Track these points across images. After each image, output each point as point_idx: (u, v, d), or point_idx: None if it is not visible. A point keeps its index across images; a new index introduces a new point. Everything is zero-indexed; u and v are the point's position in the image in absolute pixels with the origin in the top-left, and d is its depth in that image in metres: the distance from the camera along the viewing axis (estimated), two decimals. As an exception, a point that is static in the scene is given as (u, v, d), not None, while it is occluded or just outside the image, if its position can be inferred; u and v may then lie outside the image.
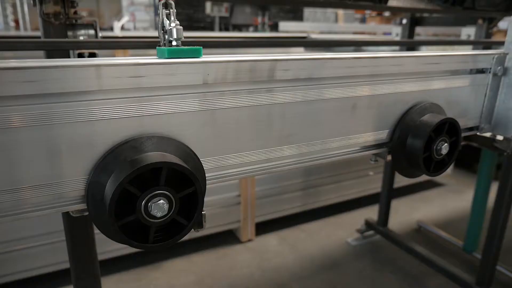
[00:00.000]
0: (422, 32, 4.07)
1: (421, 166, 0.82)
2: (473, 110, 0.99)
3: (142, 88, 0.56)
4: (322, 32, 6.30)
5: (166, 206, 0.56)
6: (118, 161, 0.56)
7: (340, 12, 7.64)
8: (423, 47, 2.25)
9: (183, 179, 0.57)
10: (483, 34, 1.92)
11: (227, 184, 2.50)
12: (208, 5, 6.72)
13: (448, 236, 2.66)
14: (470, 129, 1.02)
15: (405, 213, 3.06)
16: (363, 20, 8.06)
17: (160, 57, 0.59)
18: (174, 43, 0.60)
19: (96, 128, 0.55)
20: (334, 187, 2.95)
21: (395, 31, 2.30)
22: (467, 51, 0.93)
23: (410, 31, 2.19)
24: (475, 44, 1.89)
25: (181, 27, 0.61)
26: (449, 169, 3.50)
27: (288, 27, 6.06)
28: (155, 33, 0.62)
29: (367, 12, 7.00)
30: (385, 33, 4.91)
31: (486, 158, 2.30)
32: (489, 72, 0.96)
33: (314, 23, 6.55)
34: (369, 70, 0.76)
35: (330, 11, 7.69)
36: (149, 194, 0.54)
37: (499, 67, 0.95)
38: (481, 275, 2.05)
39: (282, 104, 0.69)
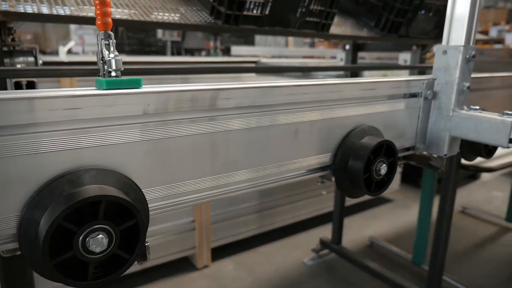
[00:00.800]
0: (366, 56, 4.31)
1: (362, 186, 0.86)
2: (409, 131, 1.06)
3: (79, 120, 0.55)
4: (273, 56, 6.48)
5: (105, 241, 0.54)
6: (53, 196, 0.54)
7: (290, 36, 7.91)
8: (366, 71, 2.39)
9: (124, 211, 0.55)
10: (417, 59, 2.07)
11: (180, 210, 2.45)
12: (159, 30, 6.72)
13: (398, 250, 2.77)
14: (407, 149, 1.08)
15: (358, 230, 3.15)
16: (312, 45, 8.39)
17: (98, 88, 0.59)
18: (113, 73, 0.60)
19: (30, 162, 0.53)
20: (289, 207, 2.99)
21: (340, 56, 2.42)
22: (400, 77, 1.00)
23: (353, 56, 2.32)
24: (411, 68, 2.03)
25: (120, 57, 0.60)
26: (397, 185, 3.67)
27: (240, 51, 6.17)
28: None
29: (315, 37, 7.27)
30: (332, 57, 5.15)
31: (428, 174, 2.44)
32: (421, 96, 1.04)
33: (265, 47, 6.73)
34: (310, 96, 0.80)
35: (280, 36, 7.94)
36: (86, 229, 0.52)
37: (428, 92, 1.03)
38: (429, 286, 2.14)
39: (225, 132, 0.70)
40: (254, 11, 1.41)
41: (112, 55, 0.60)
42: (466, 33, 0.99)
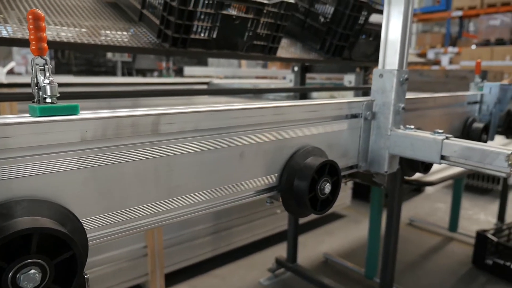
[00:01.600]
0: (317, 76, 4.46)
1: (307, 205, 0.88)
2: (351, 150, 1.10)
3: (10, 150, 0.53)
4: (226, 77, 6.54)
5: (38, 276, 0.51)
6: (-20, 230, 0.50)
7: (243, 57, 8.02)
8: (315, 92, 2.48)
9: (60, 243, 0.53)
10: (361, 80, 2.19)
11: (131, 236, 2.36)
12: (109, 50, 6.57)
13: (351, 265, 2.83)
14: (351, 167, 1.13)
15: (313, 247, 3.19)
16: (265, 65, 8.57)
17: (32, 115, 0.57)
18: (48, 100, 0.58)
19: (-47, 196, 0.49)
20: (246, 227, 2.98)
21: (289, 77, 2.50)
22: (341, 99, 1.05)
23: (301, 77, 2.40)
24: (355, 89, 2.14)
25: (55, 84, 0.59)
26: (348, 201, 3.78)
27: (193, 72, 6.18)
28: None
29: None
30: (284, 77, 5.30)
31: (375, 190, 2.54)
32: (361, 116, 1.09)
33: (218, 68, 6.78)
34: (254, 119, 0.82)
35: (233, 56, 8.03)
36: (17, 265, 0.50)
37: (368, 112, 1.09)
38: (381, 300, 2.20)
39: (169, 157, 0.69)
40: (202, 35, 1.43)
41: (47, 81, 0.59)
42: (399, 58, 1.07)
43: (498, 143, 3.17)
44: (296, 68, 2.38)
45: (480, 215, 4.01)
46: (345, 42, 1.85)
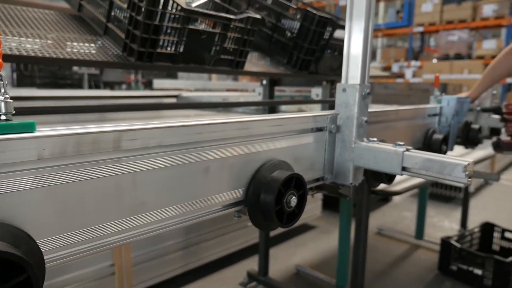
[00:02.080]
0: (287, 89, 4.53)
1: (274, 219, 0.88)
2: (317, 163, 1.12)
3: (-41, 169, 0.50)
4: (196, 89, 6.51)
5: (-11, 302, 0.49)
6: None
7: (213, 70, 8.03)
8: (283, 106, 2.51)
9: (13, 266, 0.51)
10: (328, 93, 2.24)
11: (98, 254, 2.29)
12: (76, 62, 6.40)
13: (323, 276, 2.85)
14: (317, 180, 1.15)
15: (284, 259, 3.19)
16: (236, 78, 8.61)
17: (-15, 133, 0.54)
18: (2, 117, 0.56)
19: None
20: (217, 241, 2.94)
21: (258, 90, 2.52)
22: (306, 113, 1.08)
23: (270, 90, 2.43)
24: (322, 102, 2.19)
25: (11, 100, 0.57)
26: (319, 212, 3.82)
27: (162, 85, 6.12)
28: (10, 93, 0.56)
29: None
30: (254, 90, 5.34)
31: (344, 200, 2.59)
32: (326, 130, 1.12)
33: (188, 81, 6.75)
34: (219, 134, 0.82)
35: (203, 69, 8.02)
36: (-35, 292, 0.47)
37: (332, 126, 1.11)
38: (351, 310, 2.22)
39: (132, 173, 0.68)
40: (169, 49, 1.42)
41: (1, 97, 0.57)
42: (361, 72, 1.10)
43: (457, 153, 3.31)
44: (264, 82, 2.41)
45: (444, 222, 4.15)
46: (311, 56, 1.89)
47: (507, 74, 2.10)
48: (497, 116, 2.20)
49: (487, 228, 3.28)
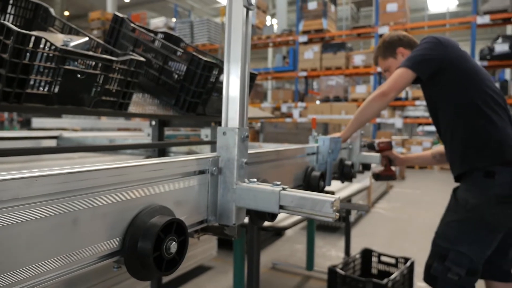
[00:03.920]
0: (182, 128, 4.49)
1: (152, 266, 0.85)
2: (201, 206, 1.13)
3: None
4: (83, 129, 6.08)
5: None
6: None
7: (103, 108, 7.64)
8: (173, 147, 2.49)
9: None
10: (216, 134, 2.29)
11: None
12: None
13: (218, 319, 2.78)
14: (201, 222, 1.15)
15: (179, 306, 3.05)
16: (128, 117, 8.30)
17: None
18: None
19: None
20: (104, 294, 2.68)
21: (147, 131, 2.47)
22: (187, 156, 1.09)
23: (159, 131, 2.40)
24: (212, 143, 2.23)
25: None
26: (215, 251, 3.78)
27: (43, 124, 5.59)
28: None
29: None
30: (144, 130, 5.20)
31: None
32: (208, 172, 1.14)
33: (74, 119, 6.28)
34: (89, 183, 0.77)
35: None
36: None
37: (214, 168, 1.14)
38: None
39: (-22, 232, 0.60)
40: (41, 89, 1.32)
41: None
42: (239, 116, 1.17)
43: (337, 187, 3.63)
44: (153, 122, 2.38)
45: (331, 252, 4.45)
46: (198, 98, 1.94)
47: (372, 118, 2.42)
48: (367, 153, 2.50)
49: (367, 254, 3.60)
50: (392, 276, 2.87)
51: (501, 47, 9.62)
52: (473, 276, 1.94)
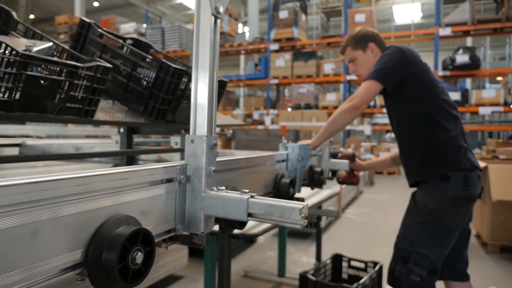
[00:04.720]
0: (152, 135, 4.42)
1: (117, 277, 0.83)
2: (169, 214, 1.12)
3: None
4: (49, 136, 5.87)
5: None
6: None
7: (70, 115, 7.41)
8: (143, 155, 2.45)
9: None
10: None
11: None
12: None
13: (189, 330, 2.74)
14: (169, 231, 1.13)
15: (148, 317, 2.98)
16: (96, 124, 8.08)
17: None
18: None
19: None
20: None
21: (115, 139, 2.42)
22: (154, 165, 1.07)
23: (128, 138, 2.36)
24: (181, 151, 2.21)
25: None
26: (185, 260, 3.73)
27: (4, 131, 5.34)
28: None
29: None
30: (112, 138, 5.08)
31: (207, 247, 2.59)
32: (176, 180, 1.12)
33: (39, 126, 6.03)
34: (51, 193, 0.75)
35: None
36: None
37: (182, 176, 1.13)
38: None
39: None
40: (1, 95, 1.27)
41: None
42: (208, 124, 1.16)
43: (307, 194, 3.68)
44: (122, 130, 2.33)
45: (303, 258, 4.49)
46: (167, 106, 1.92)
47: (342, 129, 2.47)
48: (336, 160, 2.55)
49: (337, 259, 3.65)
50: (362, 281, 2.92)
51: (461, 58, 10.12)
52: (434, 276, 2.02)
